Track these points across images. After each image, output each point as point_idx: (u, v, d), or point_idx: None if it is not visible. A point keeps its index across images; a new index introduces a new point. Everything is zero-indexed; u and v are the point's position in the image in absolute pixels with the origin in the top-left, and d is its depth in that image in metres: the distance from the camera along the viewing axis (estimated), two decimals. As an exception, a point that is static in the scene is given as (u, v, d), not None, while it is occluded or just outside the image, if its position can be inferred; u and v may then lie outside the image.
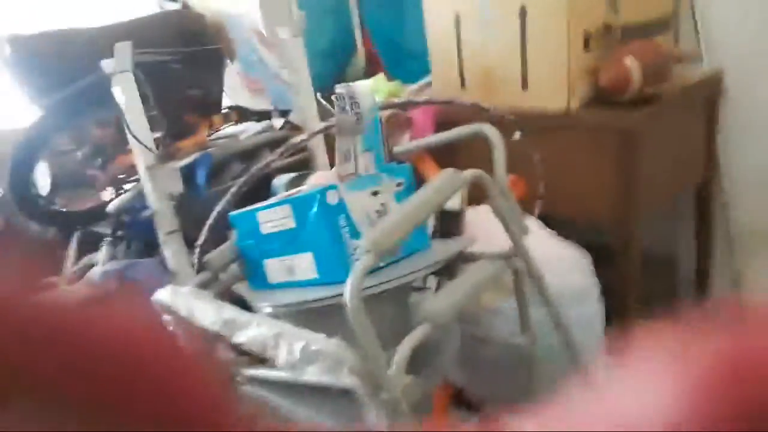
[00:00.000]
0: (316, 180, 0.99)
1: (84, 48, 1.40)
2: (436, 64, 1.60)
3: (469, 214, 1.34)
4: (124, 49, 1.25)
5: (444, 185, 0.85)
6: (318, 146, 1.48)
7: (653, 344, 0.19)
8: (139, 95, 1.28)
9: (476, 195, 1.03)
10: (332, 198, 0.88)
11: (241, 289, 1.02)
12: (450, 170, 0.88)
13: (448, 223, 1.22)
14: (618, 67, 1.27)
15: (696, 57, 1.70)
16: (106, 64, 1.29)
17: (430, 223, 1.30)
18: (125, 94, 1.27)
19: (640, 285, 1.50)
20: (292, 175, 1.27)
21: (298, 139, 0.93)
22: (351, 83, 0.91)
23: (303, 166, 1.63)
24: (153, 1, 1.86)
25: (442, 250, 1.07)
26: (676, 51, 1.67)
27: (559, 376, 1.28)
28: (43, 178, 1.59)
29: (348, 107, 0.90)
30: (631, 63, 1.26)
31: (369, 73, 2.00)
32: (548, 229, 1.34)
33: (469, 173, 0.90)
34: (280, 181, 1.27)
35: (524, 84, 1.41)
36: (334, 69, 2.11)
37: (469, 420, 1.49)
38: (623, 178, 1.35)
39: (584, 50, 1.33)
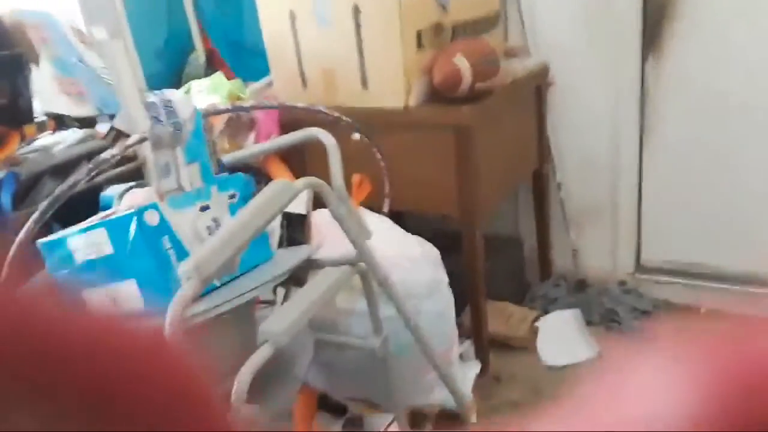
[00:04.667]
0: (132, 200, 0.90)
1: None
2: (275, 64, 1.55)
3: (316, 216, 1.32)
4: None
5: (274, 198, 0.81)
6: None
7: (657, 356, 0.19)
8: None
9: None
10: (151, 218, 0.80)
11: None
12: (280, 181, 0.84)
13: (294, 230, 1.19)
14: (449, 66, 1.31)
15: (524, 52, 1.82)
16: None
17: (277, 231, 1.26)
18: None
19: (485, 267, 1.58)
20: (128, 185, 1.16)
21: (107, 154, 0.84)
22: (165, 90, 0.84)
23: (140, 175, 1.50)
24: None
25: (286, 259, 1.04)
26: (505, 47, 1.78)
27: (415, 370, 1.32)
28: None
29: (163, 117, 0.82)
30: (460, 62, 1.31)
31: (210, 72, 1.89)
32: (397, 226, 1.36)
33: (302, 182, 0.87)
34: (112, 192, 1.15)
35: (364, 83, 1.41)
36: (171, 68, 1.97)
37: (335, 423, 1.49)
38: (462, 169, 1.41)
39: (418, 49, 1.36)
